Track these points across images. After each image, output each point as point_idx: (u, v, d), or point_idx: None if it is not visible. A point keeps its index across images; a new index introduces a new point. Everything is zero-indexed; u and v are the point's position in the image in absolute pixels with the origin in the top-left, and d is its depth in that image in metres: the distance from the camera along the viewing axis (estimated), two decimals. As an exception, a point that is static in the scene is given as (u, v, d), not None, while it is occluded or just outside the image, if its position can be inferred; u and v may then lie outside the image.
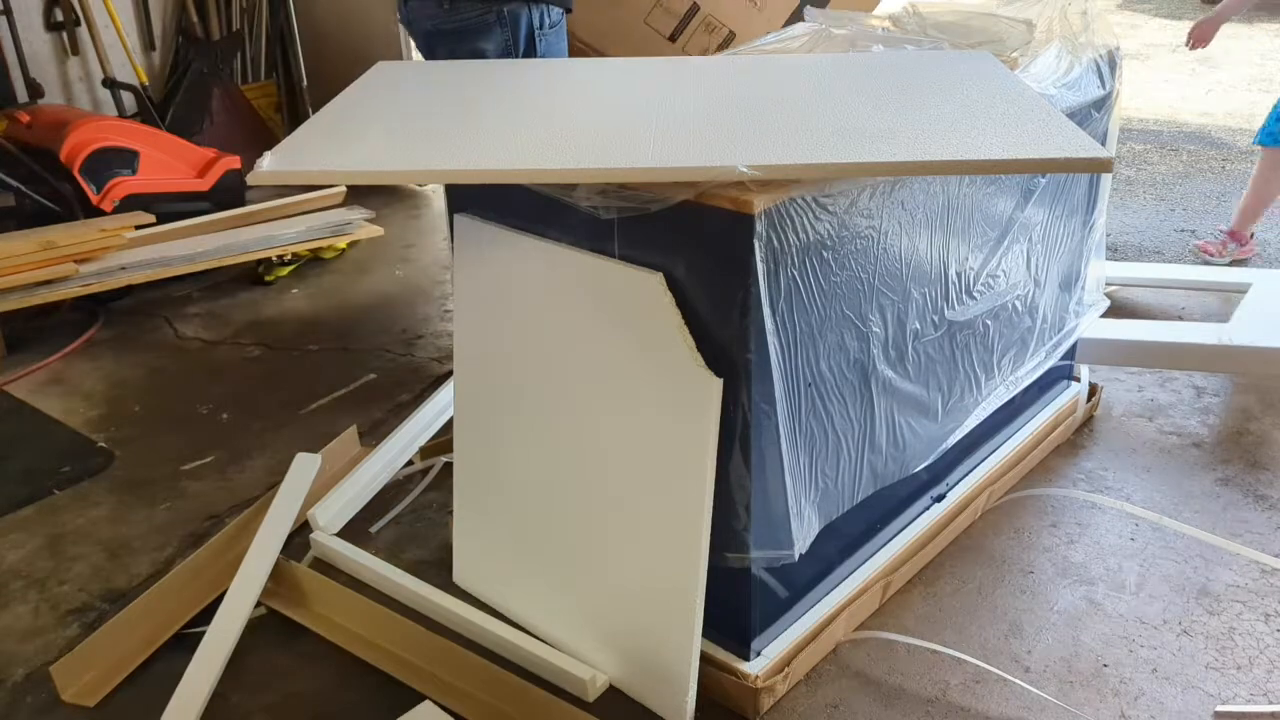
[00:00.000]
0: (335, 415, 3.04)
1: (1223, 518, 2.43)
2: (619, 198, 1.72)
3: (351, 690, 2.02)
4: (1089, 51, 2.38)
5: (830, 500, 1.94)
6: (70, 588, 2.36)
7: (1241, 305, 3.10)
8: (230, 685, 2.04)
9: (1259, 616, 2.12)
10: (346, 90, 2.10)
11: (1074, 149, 1.60)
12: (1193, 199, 4.48)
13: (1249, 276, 3.38)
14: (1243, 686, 1.95)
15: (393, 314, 3.74)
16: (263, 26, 5.40)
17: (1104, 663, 2.02)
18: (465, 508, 2.24)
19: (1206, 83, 6.40)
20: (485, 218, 2.02)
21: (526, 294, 1.99)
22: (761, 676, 1.90)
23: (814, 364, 1.80)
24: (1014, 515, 2.46)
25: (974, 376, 2.25)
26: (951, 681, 1.98)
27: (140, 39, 5.12)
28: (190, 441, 2.95)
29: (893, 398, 2.01)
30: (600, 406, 1.90)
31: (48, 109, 4.41)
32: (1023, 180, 2.22)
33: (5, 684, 2.08)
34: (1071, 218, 2.49)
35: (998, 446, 2.55)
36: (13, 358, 3.47)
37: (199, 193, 4.17)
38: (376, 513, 2.56)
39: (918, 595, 2.21)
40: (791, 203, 1.65)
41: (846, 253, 1.79)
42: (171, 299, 3.93)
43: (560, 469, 2.01)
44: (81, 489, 2.74)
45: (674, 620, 1.83)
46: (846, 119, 1.79)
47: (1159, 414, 2.86)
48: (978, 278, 2.17)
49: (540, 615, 2.10)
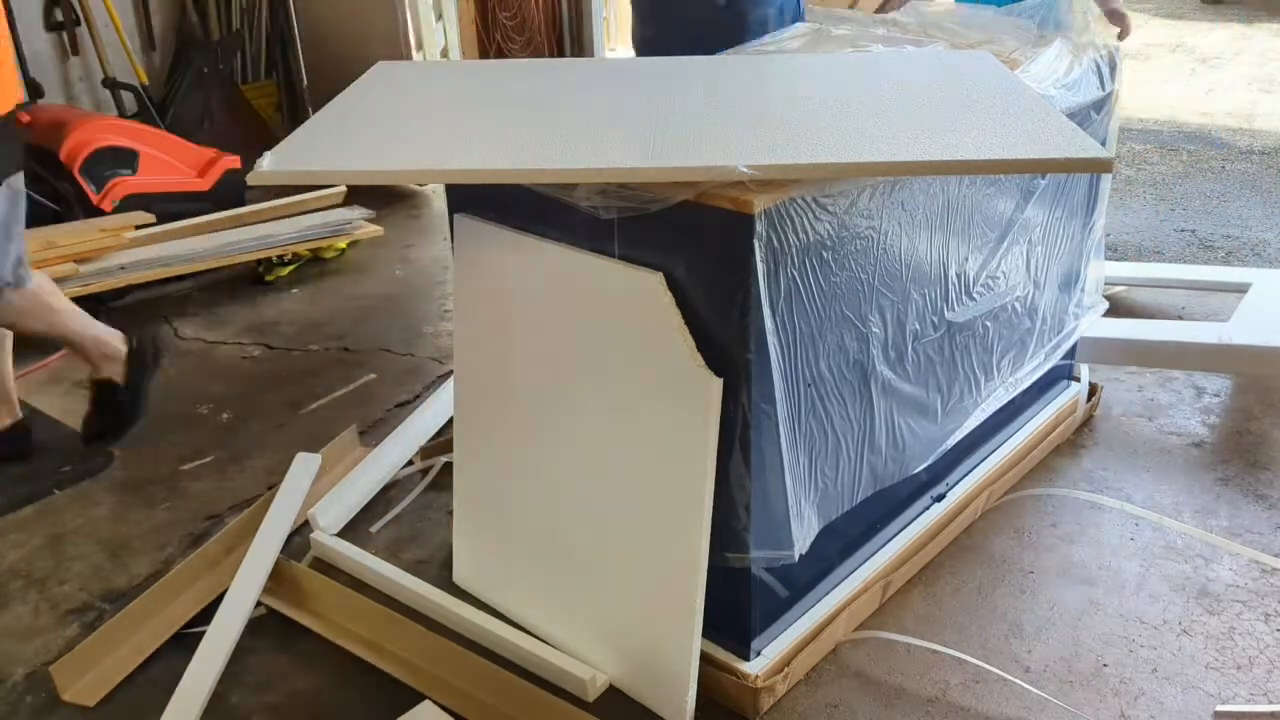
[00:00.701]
0: (335, 415, 3.04)
1: (1223, 518, 2.43)
2: (619, 198, 1.72)
3: (351, 690, 2.02)
4: (1089, 52, 2.38)
5: (830, 501, 1.94)
6: (70, 587, 2.36)
7: (1241, 305, 3.10)
8: (230, 685, 2.04)
9: (1259, 616, 2.12)
10: (346, 90, 2.10)
11: (1074, 149, 1.60)
12: (1193, 199, 4.48)
13: (1249, 276, 3.38)
14: (1242, 686, 1.95)
15: (393, 314, 3.74)
16: (263, 26, 5.40)
17: (1104, 662, 2.02)
18: (465, 508, 2.24)
19: (1207, 82, 6.40)
20: (485, 218, 2.02)
21: (526, 294, 1.99)
22: (761, 676, 1.90)
23: (814, 364, 1.80)
24: (1014, 515, 2.46)
25: (973, 378, 2.25)
26: (951, 681, 1.98)
27: (140, 39, 5.12)
28: (190, 441, 2.95)
29: (892, 399, 2.01)
30: (600, 406, 1.90)
31: (48, 109, 4.41)
32: (1022, 181, 2.22)
33: (5, 683, 2.08)
34: (1071, 219, 2.49)
35: (998, 446, 2.55)
36: (13, 358, 3.46)
37: (199, 193, 4.17)
38: (376, 513, 2.56)
39: (918, 595, 2.21)
40: (791, 203, 1.65)
41: (846, 253, 1.79)
42: (171, 299, 3.93)
43: (560, 469, 2.01)
44: (81, 489, 2.74)
45: (674, 620, 1.83)
46: (846, 119, 1.79)
47: (1159, 414, 2.86)
48: (977, 279, 2.17)
49: (540, 615, 2.10)
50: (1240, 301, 3.14)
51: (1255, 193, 4.50)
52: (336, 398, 3.15)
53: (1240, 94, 6.22)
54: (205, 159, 4.26)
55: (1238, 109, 5.95)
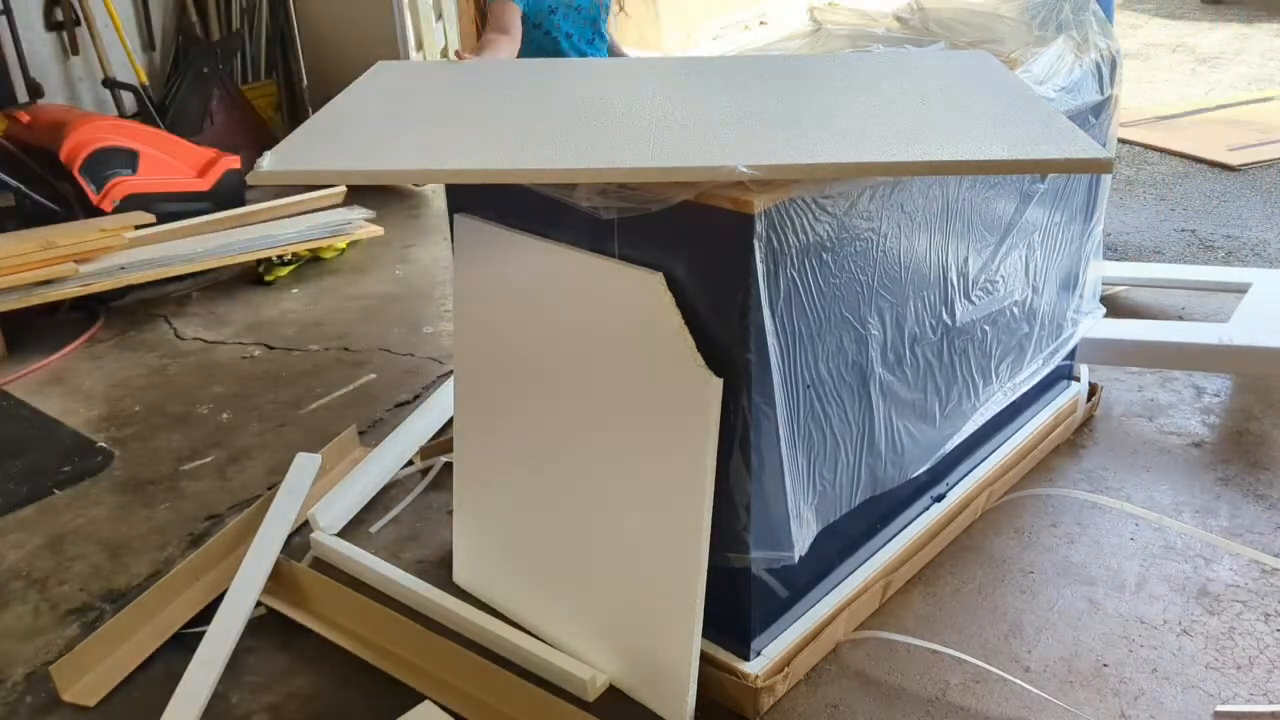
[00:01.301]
0: (335, 415, 3.04)
1: (1223, 518, 2.43)
2: (619, 198, 1.72)
3: (352, 690, 2.02)
4: (1089, 53, 2.37)
5: (828, 503, 1.94)
6: (70, 587, 2.36)
7: (1241, 305, 3.10)
8: (230, 685, 2.04)
9: (1259, 616, 2.12)
10: (346, 90, 2.10)
11: (1073, 150, 1.60)
12: (1193, 198, 4.48)
13: (1249, 276, 3.38)
14: (1242, 686, 1.95)
15: (392, 314, 3.74)
16: (263, 26, 5.40)
17: (1104, 662, 2.02)
18: (465, 508, 2.24)
19: (1207, 82, 6.40)
20: (485, 218, 2.02)
21: (526, 294, 1.99)
22: (761, 676, 1.90)
23: (813, 366, 1.80)
24: (1014, 515, 2.46)
25: (972, 382, 2.25)
26: (951, 681, 1.98)
27: (140, 39, 5.12)
28: (190, 441, 2.95)
29: (891, 402, 2.01)
30: (600, 406, 1.90)
31: (48, 109, 4.42)
32: (1022, 184, 2.22)
33: (5, 683, 2.08)
34: (1070, 224, 2.49)
35: (998, 446, 2.55)
36: (13, 357, 3.47)
37: (199, 193, 4.17)
38: (376, 513, 2.56)
39: (918, 595, 2.21)
40: (791, 203, 1.65)
41: (846, 255, 1.79)
42: (171, 299, 3.93)
43: (560, 469, 2.01)
44: (81, 489, 2.74)
45: (674, 620, 1.83)
46: (847, 119, 1.79)
47: (1159, 414, 2.86)
48: (976, 282, 2.17)
49: (540, 615, 2.10)
50: (1240, 301, 3.14)
51: (1255, 193, 4.50)
52: (336, 398, 3.15)
53: (1240, 94, 6.21)
54: (205, 159, 4.26)
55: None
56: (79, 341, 3.58)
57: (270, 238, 3.99)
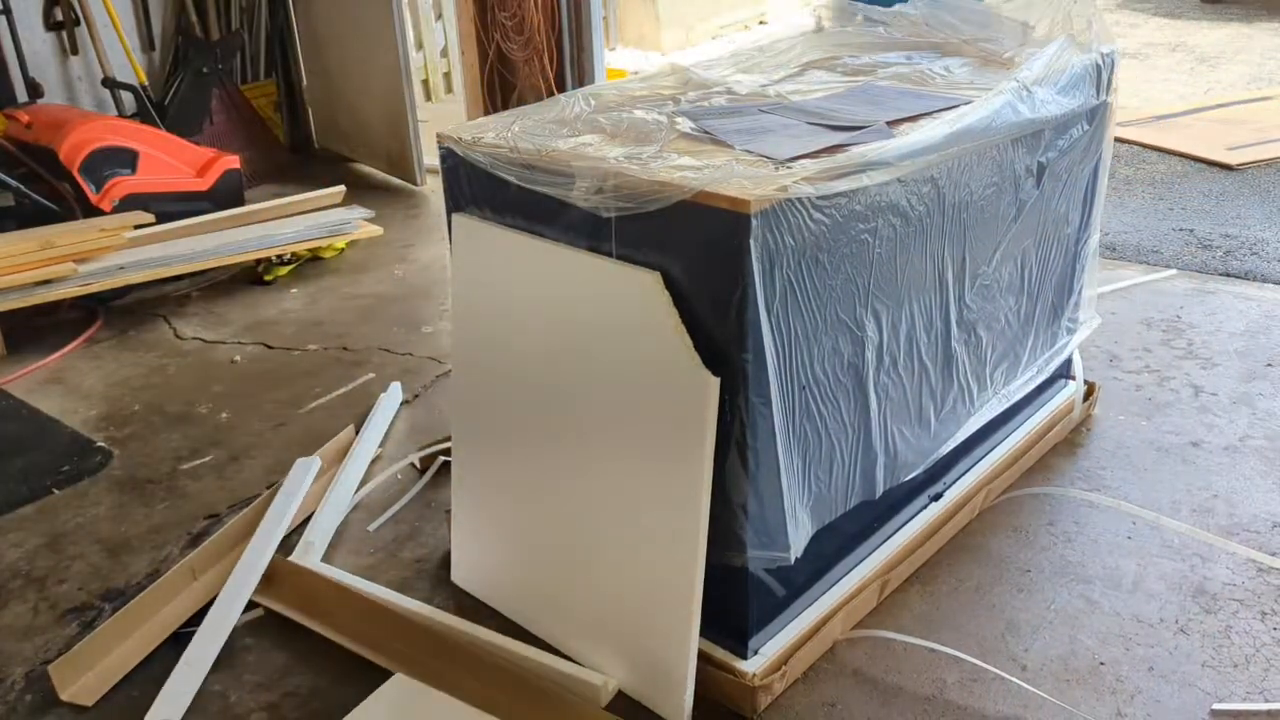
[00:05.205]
0: (335, 415, 3.04)
1: (1220, 517, 2.43)
2: (616, 196, 1.72)
3: (350, 688, 2.02)
4: (1088, 55, 2.36)
5: (823, 505, 1.94)
6: (69, 586, 2.37)
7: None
8: (229, 684, 2.05)
9: (1255, 615, 2.12)
10: None
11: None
12: (1191, 198, 4.48)
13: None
14: (1239, 685, 1.95)
15: (391, 314, 3.75)
16: (262, 26, 5.40)
17: (1100, 661, 2.02)
18: (463, 507, 2.25)
19: (1206, 82, 6.40)
20: (483, 217, 2.03)
21: (524, 293, 1.99)
22: (759, 675, 1.90)
23: (809, 367, 1.80)
24: (1011, 514, 2.47)
25: (966, 387, 2.25)
26: (948, 680, 1.99)
27: (140, 39, 5.12)
28: (189, 441, 2.95)
29: (886, 405, 2.01)
30: (598, 405, 1.90)
31: (47, 109, 4.41)
32: (1020, 189, 2.22)
33: (4, 682, 2.09)
34: (1066, 230, 2.48)
35: (995, 445, 2.55)
36: (13, 357, 3.47)
37: (198, 192, 4.17)
38: (376, 512, 2.56)
39: (915, 594, 2.22)
40: (788, 203, 1.65)
41: (841, 256, 1.79)
42: (171, 299, 3.93)
43: (558, 468, 2.01)
44: (81, 488, 2.74)
45: (672, 619, 1.84)
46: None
47: (1156, 413, 2.86)
48: (972, 286, 2.17)
49: (538, 614, 2.10)
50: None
51: (1254, 192, 4.50)
52: (335, 397, 3.15)
53: (1240, 93, 6.21)
54: (204, 159, 4.26)
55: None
56: (78, 341, 3.58)
57: (269, 237, 3.99)
